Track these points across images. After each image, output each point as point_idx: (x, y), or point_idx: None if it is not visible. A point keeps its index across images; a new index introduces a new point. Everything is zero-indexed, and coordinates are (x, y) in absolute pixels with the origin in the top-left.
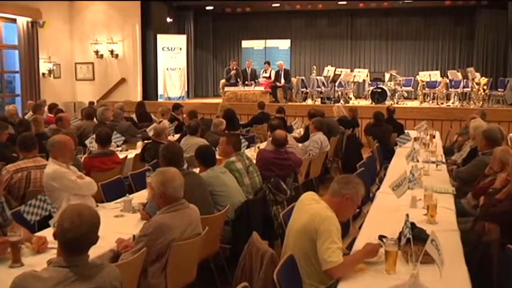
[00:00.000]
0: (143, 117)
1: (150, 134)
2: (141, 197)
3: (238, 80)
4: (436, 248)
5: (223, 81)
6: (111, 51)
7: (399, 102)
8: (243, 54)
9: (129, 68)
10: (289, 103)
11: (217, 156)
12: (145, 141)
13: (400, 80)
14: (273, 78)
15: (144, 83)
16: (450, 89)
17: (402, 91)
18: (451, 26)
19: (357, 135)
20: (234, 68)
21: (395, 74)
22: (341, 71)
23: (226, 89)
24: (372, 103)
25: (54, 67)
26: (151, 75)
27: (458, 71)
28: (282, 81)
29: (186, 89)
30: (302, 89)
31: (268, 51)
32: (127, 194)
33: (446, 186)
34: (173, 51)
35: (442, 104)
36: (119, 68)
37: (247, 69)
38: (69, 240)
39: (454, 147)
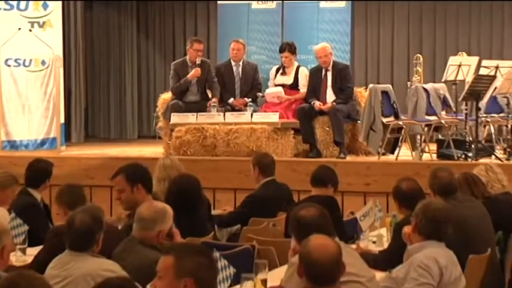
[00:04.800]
0: None
1: None
2: None
3: (208, 93)
4: None
5: (165, 96)
6: None
7: None
8: (220, 25)
9: None
10: (349, 157)
11: None
12: None
13: None
14: (302, 88)
15: None
16: None
17: None
18: None
19: None
20: (197, 61)
21: None
22: (495, 66)
23: (174, 119)
24: None
25: None
26: None
27: None
28: (329, 96)
29: (64, 120)
30: (386, 119)
31: (291, 16)
32: None
33: None
34: (22, 12)
35: None
36: None
37: (232, 64)
38: None
39: None
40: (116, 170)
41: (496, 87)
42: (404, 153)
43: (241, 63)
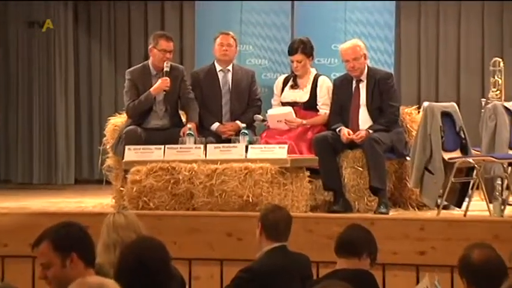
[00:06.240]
0: None
1: None
2: None
3: (181, 115)
4: None
5: (116, 120)
6: None
7: None
8: (199, 16)
9: None
10: (394, 212)
11: None
12: None
13: None
14: (323, 108)
15: None
16: None
17: None
18: None
19: None
20: (165, 67)
21: None
22: None
23: (130, 154)
24: None
25: None
26: None
27: None
28: (363, 120)
29: None
30: (449, 154)
31: (306, 3)
32: None
33: None
34: None
35: None
36: None
37: (217, 69)
38: None
39: None
40: (39, 234)
41: None
42: (476, 206)
43: (230, 68)
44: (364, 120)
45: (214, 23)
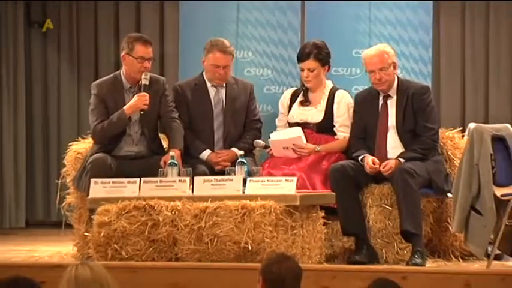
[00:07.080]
0: None
1: None
2: None
3: (161, 141)
4: None
5: (79, 146)
6: None
7: None
8: (184, 17)
9: None
10: (432, 263)
11: None
12: None
13: None
14: (341, 131)
15: None
16: None
17: None
18: None
19: None
20: (143, 79)
21: None
22: None
23: (97, 189)
24: None
25: None
26: None
27: None
28: (392, 146)
29: None
30: (501, 189)
31: (315, 11)
32: None
33: None
34: None
35: None
36: None
37: (207, 83)
38: None
39: None
40: None
41: None
42: None
43: (230, 81)
44: (394, 146)
45: (203, 23)
